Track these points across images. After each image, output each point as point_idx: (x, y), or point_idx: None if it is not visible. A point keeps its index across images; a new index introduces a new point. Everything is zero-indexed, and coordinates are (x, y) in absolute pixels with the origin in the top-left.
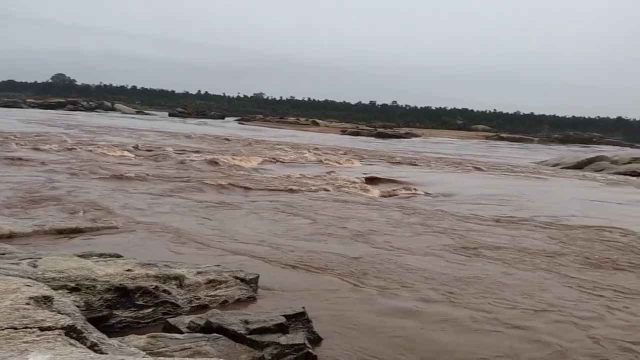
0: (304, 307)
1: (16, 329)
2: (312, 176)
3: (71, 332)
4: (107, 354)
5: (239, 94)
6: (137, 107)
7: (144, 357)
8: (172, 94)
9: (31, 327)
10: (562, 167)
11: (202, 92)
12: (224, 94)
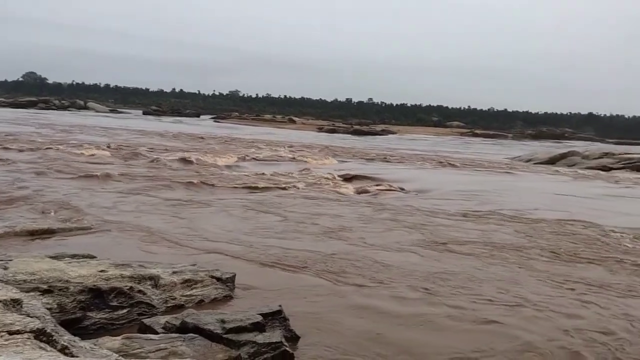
0: (280, 306)
1: None
2: (287, 174)
3: (41, 335)
4: (78, 357)
5: (215, 91)
6: (111, 106)
7: None
8: (147, 92)
9: None
10: (535, 163)
11: (176, 90)
12: (199, 91)
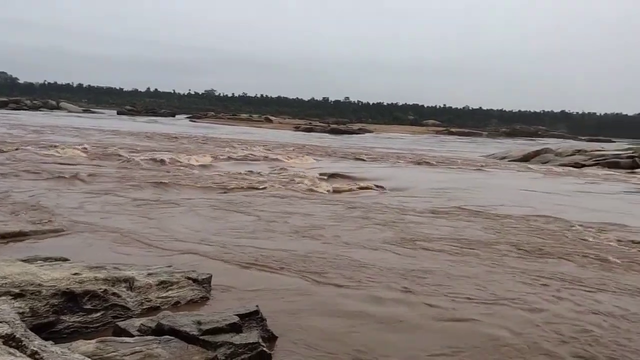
0: (257, 306)
1: None
2: (262, 173)
3: (10, 340)
4: None
5: (190, 90)
6: (84, 106)
7: None
8: (121, 91)
9: None
10: (509, 160)
11: (151, 89)
12: (175, 91)
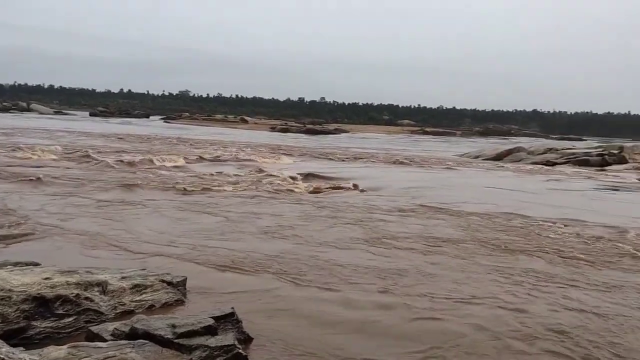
0: (233, 308)
1: None
2: (236, 174)
3: None
4: None
5: (164, 91)
6: (56, 107)
7: None
8: (93, 92)
9: None
10: (482, 159)
11: (124, 90)
12: (148, 92)
